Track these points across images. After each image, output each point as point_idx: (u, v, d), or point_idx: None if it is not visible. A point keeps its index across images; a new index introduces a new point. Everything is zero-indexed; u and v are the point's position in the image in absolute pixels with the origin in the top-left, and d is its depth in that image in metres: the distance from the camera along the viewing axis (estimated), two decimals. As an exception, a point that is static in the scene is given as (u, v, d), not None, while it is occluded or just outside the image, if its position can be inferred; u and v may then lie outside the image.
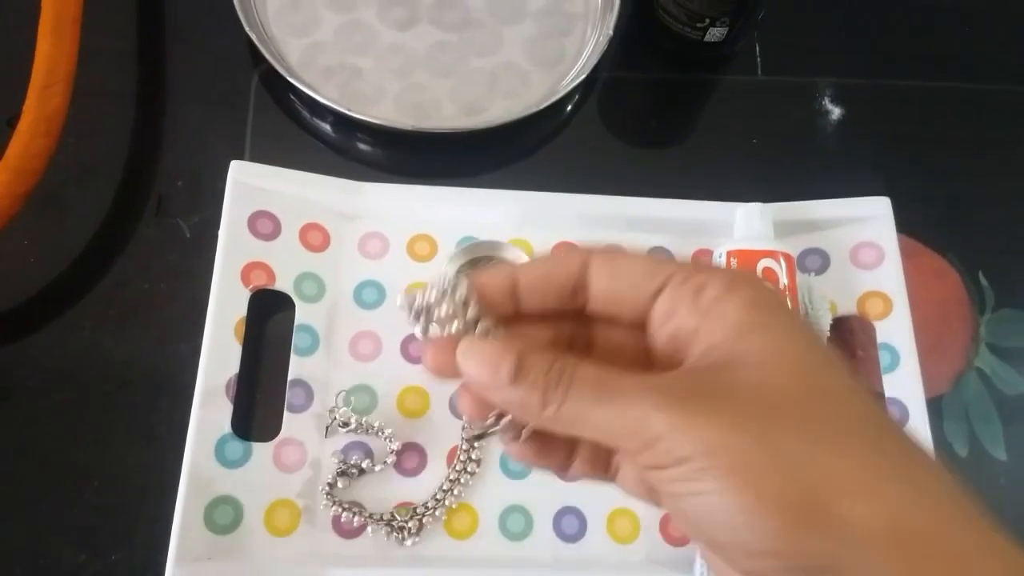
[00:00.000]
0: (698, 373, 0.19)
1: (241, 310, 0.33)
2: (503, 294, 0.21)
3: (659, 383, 0.18)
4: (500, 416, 0.21)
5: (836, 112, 0.43)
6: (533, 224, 0.38)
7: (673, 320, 0.20)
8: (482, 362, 0.19)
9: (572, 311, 0.21)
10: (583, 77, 0.40)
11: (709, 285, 0.19)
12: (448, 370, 0.20)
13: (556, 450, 0.22)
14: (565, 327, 0.22)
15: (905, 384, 0.35)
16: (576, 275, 0.21)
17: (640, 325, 0.21)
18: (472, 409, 0.21)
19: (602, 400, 0.18)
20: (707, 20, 0.40)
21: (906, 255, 0.38)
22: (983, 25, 0.46)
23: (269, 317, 0.35)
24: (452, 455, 0.33)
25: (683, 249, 0.38)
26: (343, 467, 0.32)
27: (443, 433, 0.34)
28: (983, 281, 0.40)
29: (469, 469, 0.33)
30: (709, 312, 0.19)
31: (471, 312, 0.20)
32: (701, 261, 0.21)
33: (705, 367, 0.19)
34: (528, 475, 0.33)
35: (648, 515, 0.33)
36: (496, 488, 0.33)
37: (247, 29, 0.38)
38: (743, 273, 0.20)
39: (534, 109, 0.39)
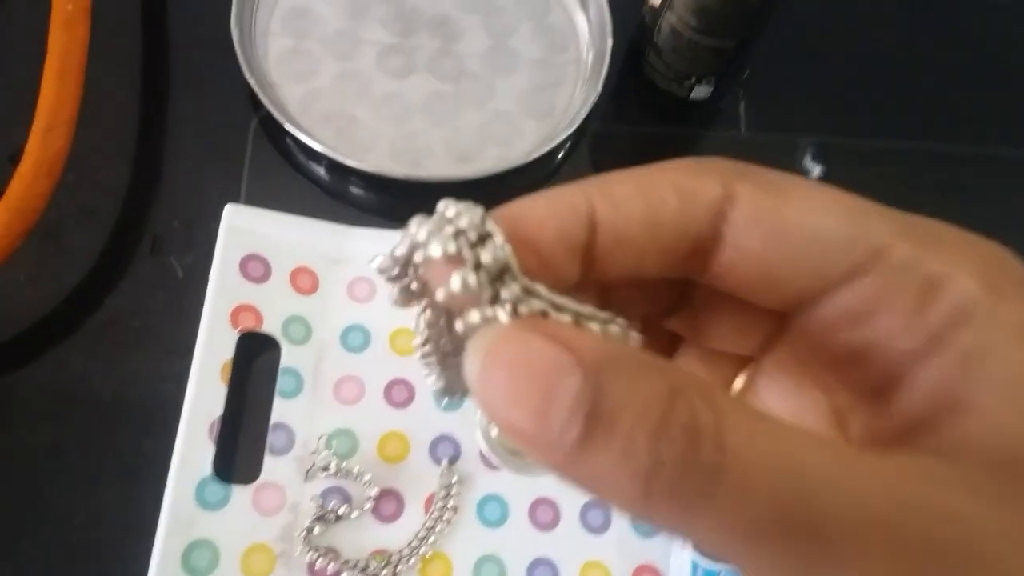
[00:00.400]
0: (987, 513, 0.09)
1: (228, 352, 0.34)
2: (566, 248, 0.12)
3: (916, 533, 0.09)
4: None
5: (817, 170, 0.44)
6: (519, 273, 0.38)
7: (869, 327, 0.12)
8: (518, 381, 0.10)
9: (670, 281, 0.13)
10: (573, 130, 0.41)
11: (952, 283, 0.11)
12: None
13: None
14: (659, 310, 0.14)
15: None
16: (705, 223, 0.12)
17: (779, 310, 0.13)
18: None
19: (798, 540, 0.09)
20: (693, 78, 0.42)
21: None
22: (964, 87, 0.48)
23: (255, 359, 0.36)
24: (429, 502, 0.34)
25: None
26: (321, 512, 0.32)
27: (421, 479, 0.34)
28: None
29: (445, 517, 0.33)
30: (952, 341, 0.11)
31: (511, 290, 0.11)
32: (927, 221, 0.12)
33: (995, 483, 0.10)
34: (504, 523, 0.34)
35: (621, 569, 0.33)
36: (471, 537, 0.33)
37: (247, 75, 0.39)
38: (1008, 261, 0.12)
39: (523, 160, 0.40)
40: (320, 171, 0.41)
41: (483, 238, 0.11)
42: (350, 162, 0.38)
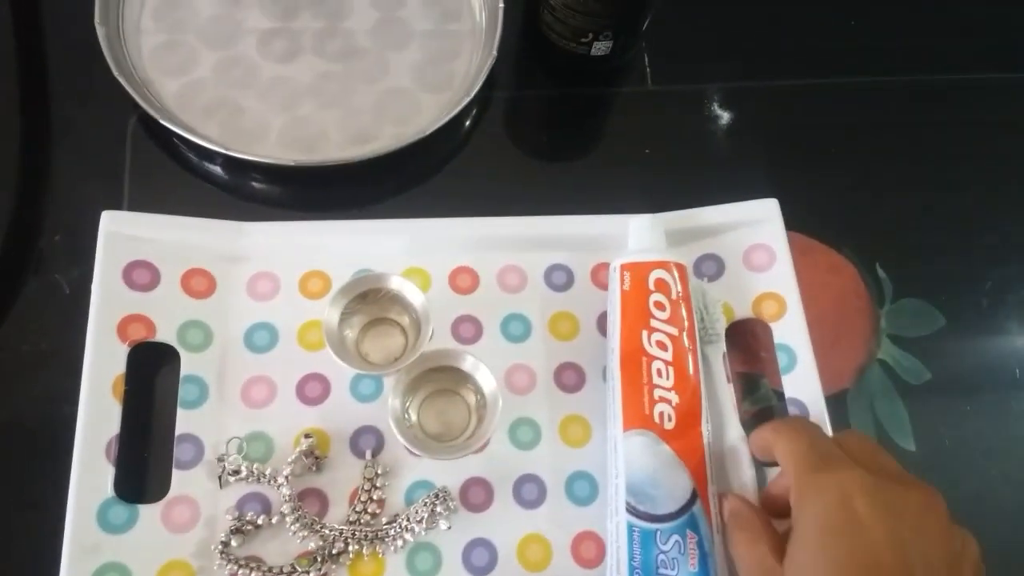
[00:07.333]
0: None
1: (119, 367, 0.32)
2: None
3: None
4: None
5: (725, 117, 0.43)
6: (429, 251, 0.37)
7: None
8: None
9: None
10: (470, 99, 0.40)
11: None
12: None
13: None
14: None
15: (803, 383, 0.35)
16: None
17: None
18: None
19: None
20: (590, 35, 0.40)
21: (802, 252, 0.39)
22: (865, 19, 0.47)
23: (155, 371, 0.34)
24: (354, 496, 0.32)
25: (582, 265, 0.38)
26: (237, 524, 0.30)
27: (344, 474, 0.33)
28: (881, 273, 0.41)
29: (370, 510, 0.32)
30: None
31: None
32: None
33: None
34: (434, 510, 0.32)
35: (560, 539, 0.32)
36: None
37: (116, 74, 0.37)
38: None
39: (422, 135, 0.38)
40: (209, 167, 0.39)
41: None
42: (238, 154, 0.37)
